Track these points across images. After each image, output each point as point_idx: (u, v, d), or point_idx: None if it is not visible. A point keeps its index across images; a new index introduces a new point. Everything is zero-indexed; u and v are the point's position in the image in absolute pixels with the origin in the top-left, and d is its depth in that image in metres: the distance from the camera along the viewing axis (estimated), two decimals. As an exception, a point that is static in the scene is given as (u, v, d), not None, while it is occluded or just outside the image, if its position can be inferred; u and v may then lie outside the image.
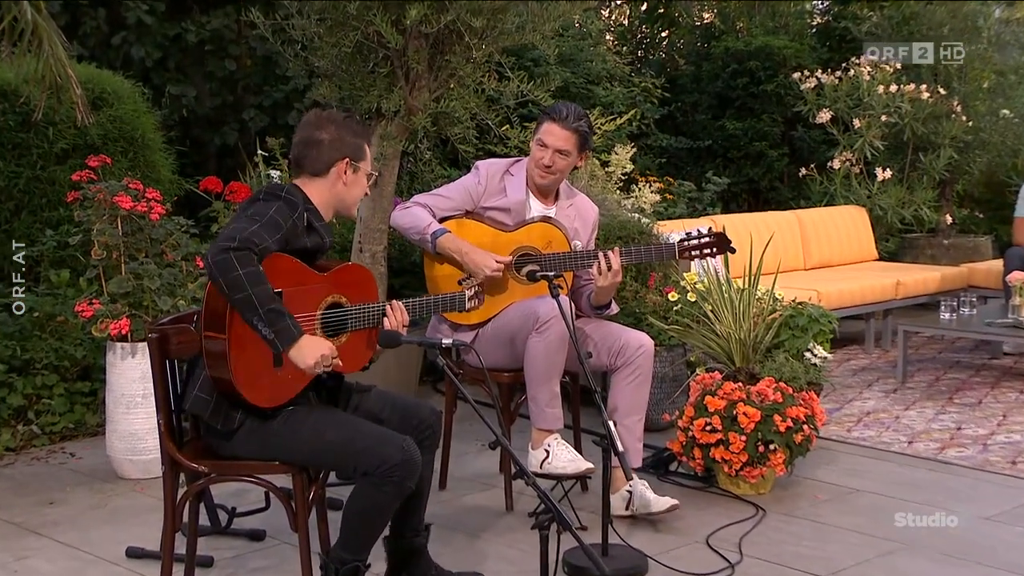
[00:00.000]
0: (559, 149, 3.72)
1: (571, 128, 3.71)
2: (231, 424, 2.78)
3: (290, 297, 2.74)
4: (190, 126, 6.96)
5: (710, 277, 4.47)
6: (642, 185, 6.42)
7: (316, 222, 2.86)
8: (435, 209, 3.78)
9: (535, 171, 3.77)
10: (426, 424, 2.97)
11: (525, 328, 3.59)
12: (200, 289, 4.30)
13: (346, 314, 2.87)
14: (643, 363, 3.72)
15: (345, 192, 2.92)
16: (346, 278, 2.90)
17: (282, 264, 2.73)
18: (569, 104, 3.79)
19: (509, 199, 3.80)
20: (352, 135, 2.92)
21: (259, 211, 2.72)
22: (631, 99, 8.25)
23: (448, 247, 3.69)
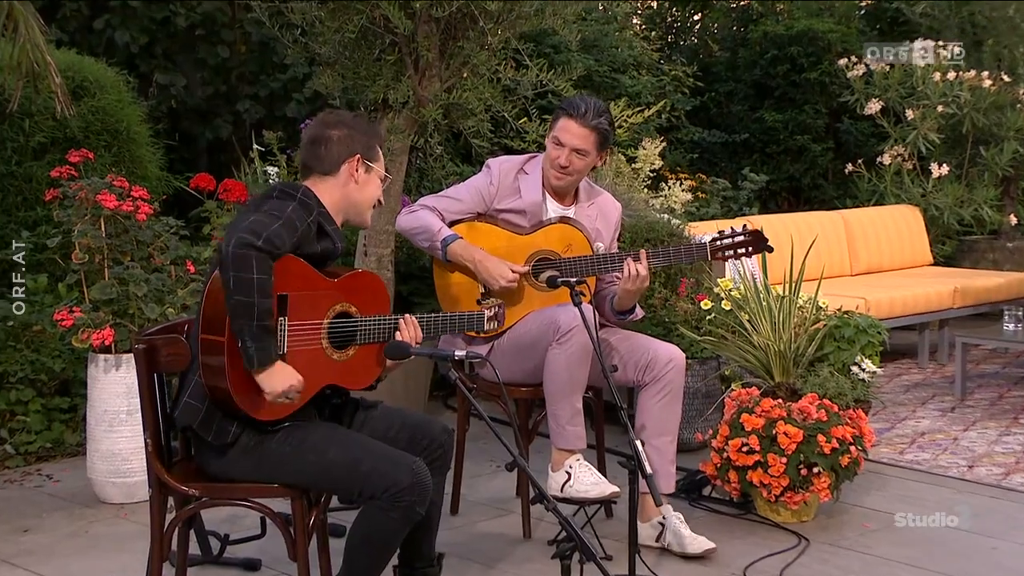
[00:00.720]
0: (576, 148, 3.72)
1: (590, 125, 3.70)
2: (224, 438, 2.80)
3: (297, 302, 2.77)
4: (179, 118, 7.01)
5: (746, 283, 4.47)
6: (672, 183, 6.44)
7: (328, 226, 2.89)
8: (444, 212, 3.80)
9: (550, 171, 3.79)
10: (437, 443, 2.99)
11: (544, 339, 3.60)
12: (191, 296, 4.33)
13: (355, 325, 2.90)
14: (673, 378, 3.72)
15: (356, 193, 2.95)
16: (357, 286, 2.93)
17: (291, 266, 2.76)
18: (587, 98, 3.79)
19: (524, 200, 3.82)
20: (363, 133, 2.97)
21: (277, 208, 2.75)
22: (660, 89, 8.27)
23: (460, 254, 3.71)
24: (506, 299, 3.72)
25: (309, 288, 2.81)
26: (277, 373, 2.72)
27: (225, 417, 2.78)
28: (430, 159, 5.38)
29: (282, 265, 2.72)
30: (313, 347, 2.82)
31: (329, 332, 2.86)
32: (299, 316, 2.77)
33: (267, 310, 2.65)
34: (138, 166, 5.55)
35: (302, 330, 2.78)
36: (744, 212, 7.68)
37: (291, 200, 2.80)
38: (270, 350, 2.68)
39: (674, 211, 6.02)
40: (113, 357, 4.18)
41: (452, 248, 3.70)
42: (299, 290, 2.78)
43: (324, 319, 2.84)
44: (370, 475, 2.74)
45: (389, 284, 4.87)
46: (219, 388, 2.72)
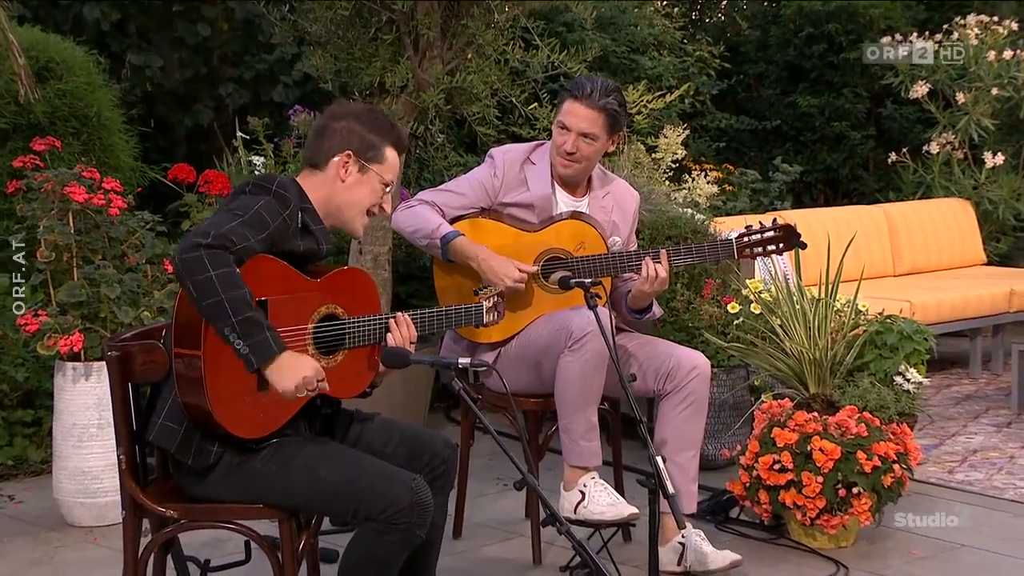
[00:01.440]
0: (583, 132, 3.73)
1: (597, 106, 3.71)
2: (206, 460, 2.80)
3: (277, 307, 2.77)
4: (155, 103, 7.03)
5: (778, 284, 4.48)
6: (696, 174, 6.44)
7: (312, 224, 2.90)
8: (444, 208, 3.81)
9: (556, 160, 3.80)
10: (439, 459, 3.00)
11: (556, 345, 3.61)
12: (168, 298, 4.34)
13: (343, 328, 2.91)
14: (697, 388, 3.73)
15: (342, 193, 2.94)
16: (342, 285, 2.93)
17: (267, 268, 2.76)
18: (595, 78, 3.80)
19: (532, 193, 3.83)
20: (367, 129, 2.96)
21: (243, 205, 2.75)
22: (683, 71, 8.27)
23: (462, 253, 3.72)
24: (514, 302, 3.73)
25: (290, 291, 2.81)
26: (287, 366, 2.70)
27: (205, 437, 2.78)
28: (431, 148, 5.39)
29: (258, 267, 2.71)
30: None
31: (315, 337, 2.86)
32: (281, 322, 2.76)
33: (242, 301, 2.63)
34: (110, 155, 5.56)
35: (286, 339, 2.77)
36: (776, 206, 7.68)
37: (264, 194, 2.79)
38: (267, 342, 2.66)
39: (698, 205, 6.02)
40: (82, 365, 4.20)
41: (453, 246, 3.71)
42: (279, 293, 2.77)
43: (308, 324, 2.85)
44: (365, 495, 2.75)
45: (386, 284, 4.89)
46: (197, 406, 2.72)
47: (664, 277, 3.67)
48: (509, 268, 3.70)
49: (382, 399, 4.42)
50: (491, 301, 3.25)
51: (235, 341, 2.64)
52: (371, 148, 2.95)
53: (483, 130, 4.77)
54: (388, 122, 3.03)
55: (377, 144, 2.96)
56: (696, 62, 8.54)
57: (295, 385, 2.70)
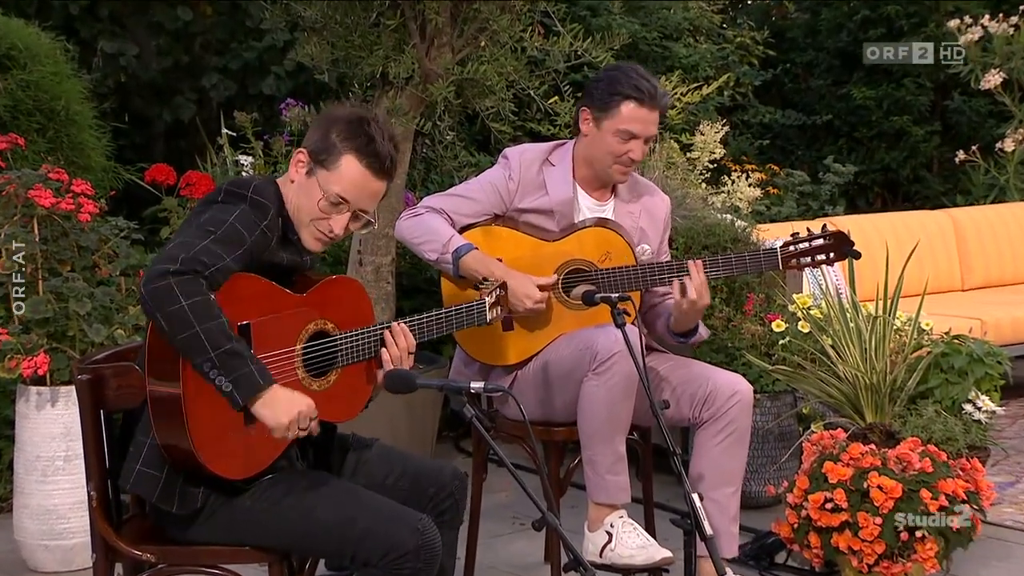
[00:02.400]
0: (650, 137, 3.79)
1: (661, 107, 3.78)
2: (191, 505, 2.81)
3: (261, 331, 2.76)
4: (130, 95, 7.08)
5: (829, 300, 4.47)
6: (736, 176, 6.45)
7: (294, 234, 2.91)
8: (453, 215, 3.82)
9: (613, 168, 3.81)
10: (446, 492, 3.01)
11: (579, 368, 3.61)
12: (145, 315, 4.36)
13: (334, 344, 2.92)
14: (738, 416, 3.73)
15: (293, 194, 2.91)
16: (331, 297, 2.94)
17: (247, 287, 2.75)
18: (637, 68, 3.81)
19: (551, 197, 3.84)
20: (335, 130, 2.89)
21: (215, 218, 2.73)
22: (722, 60, 8.30)
23: (475, 269, 3.71)
24: (531, 320, 3.73)
25: (273, 310, 2.80)
26: (276, 401, 2.69)
27: (189, 481, 2.79)
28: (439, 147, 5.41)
29: (236, 288, 2.71)
30: (288, 381, 2.82)
31: (304, 359, 2.87)
32: (266, 346, 2.76)
33: (220, 332, 2.61)
34: (79, 154, 5.58)
35: (272, 364, 2.78)
36: (826, 211, 7.68)
37: (238, 202, 2.77)
38: (251, 376, 2.65)
39: (739, 211, 6.03)
40: (48, 390, 4.21)
41: (466, 261, 3.70)
42: (262, 314, 2.77)
43: (297, 344, 2.85)
44: (366, 537, 2.75)
45: (389, 299, 4.91)
46: (178, 448, 2.71)
47: (693, 298, 3.65)
48: (528, 287, 3.69)
49: (384, 428, 4.43)
50: (492, 295, 3.26)
51: (216, 378, 2.62)
52: (326, 150, 2.88)
53: (497, 127, 4.78)
54: (364, 131, 2.90)
55: (335, 148, 2.87)
56: (737, 49, 8.56)
57: (288, 421, 2.70)
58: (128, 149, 6.63)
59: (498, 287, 3.33)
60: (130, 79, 7.04)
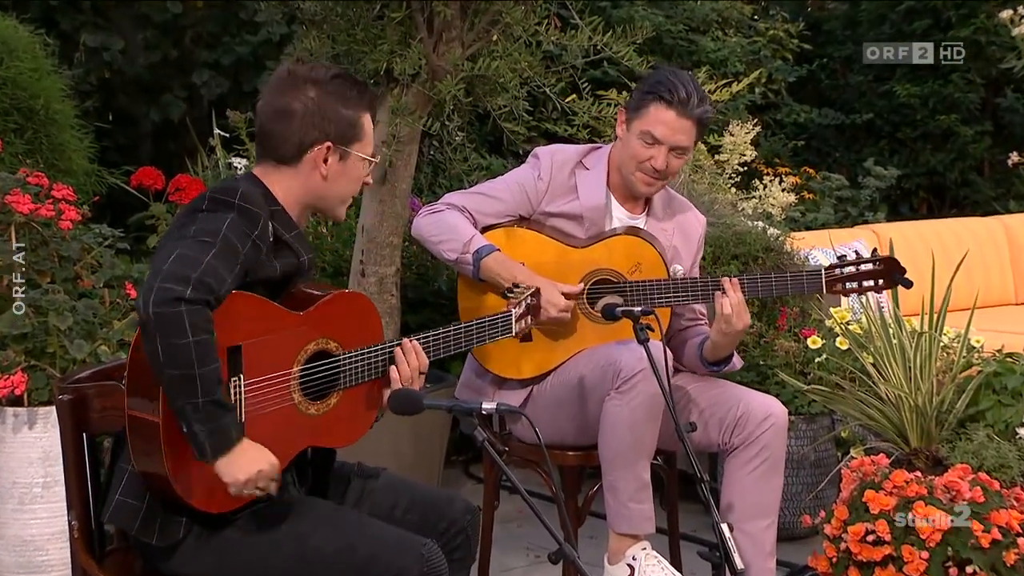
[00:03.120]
0: (676, 146, 3.75)
1: (694, 116, 3.73)
2: (173, 536, 2.80)
3: (253, 353, 2.75)
4: (115, 93, 7.10)
5: (870, 314, 4.47)
6: (769, 180, 6.45)
7: (286, 233, 2.88)
8: (476, 214, 3.83)
9: (636, 176, 3.81)
10: (457, 527, 3.01)
11: (601, 387, 3.62)
12: (131, 329, 4.36)
13: (337, 366, 2.92)
14: (771, 441, 3.73)
15: (324, 188, 2.93)
16: (335, 314, 2.93)
17: (240, 307, 2.73)
18: (684, 76, 3.79)
19: (582, 202, 3.85)
20: (342, 103, 2.91)
21: (208, 229, 2.70)
22: (753, 54, 8.30)
23: (496, 272, 3.72)
24: (550, 331, 3.74)
25: (268, 330, 2.78)
26: (240, 457, 2.67)
27: (170, 511, 2.78)
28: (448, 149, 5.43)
29: (229, 307, 2.68)
30: (282, 406, 2.82)
31: (302, 381, 2.86)
32: (259, 370, 2.75)
33: (214, 380, 2.60)
34: (60, 157, 5.59)
35: (265, 389, 2.77)
36: (867, 218, 7.68)
37: (226, 211, 2.75)
38: (228, 431, 2.64)
39: (771, 218, 6.03)
40: (25, 411, 4.21)
41: (487, 263, 3.72)
42: (255, 336, 2.75)
43: (294, 366, 2.84)
44: (367, 566, 2.75)
45: (394, 312, 4.91)
46: (156, 475, 2.71)
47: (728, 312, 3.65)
48: (553, 293, 3.68)
49: (388, 452, 4.44)
50: (521, 306, 3.25)
51: (194, 423, 2.60)
52: (350, 127, 2.91)
53: (510, 127, 4.78)
54: (358, 82, 2.96)
55: (354, 119, 2.91)
56: (769, 43, 8.57)
57: (245, 479, 2.67)
58: (112, 151, 6.65)
59: (530, 295, 3.32)
60: (115, 75, 7.07)
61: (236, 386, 2.72)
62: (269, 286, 2.82)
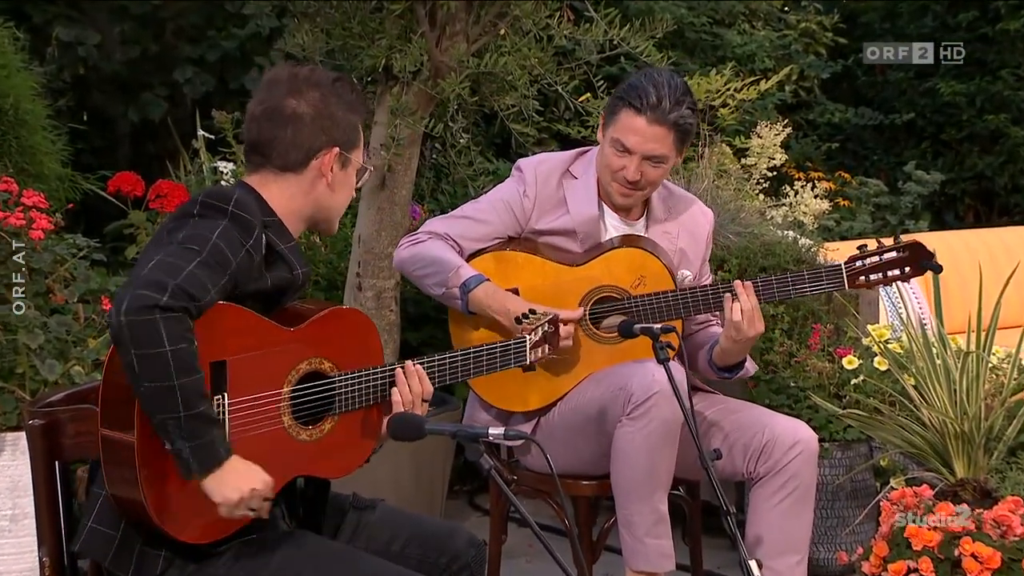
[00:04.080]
0: (649, 156, 3.73)
1: (667, 121, 3.70)
2: (151, 570, 2.78)
3: (240, 369, 2.75)
4: (90, 91, 7.11)
5: (911, 331, 4.47)
6: (801, 186, 6.45)
7: (281, 245, 2.90)
8: (461, 240, 3.84)
9: (612, 187, 3.82)
10: (460, 561, 3.01)
11: (612, 411, 3.63)
12: (108, 348, 4.36)
13: (331, 388, 2.92)
14: (802, 469, 3.73)
15: (328, 198, 2.96)
16: (330, 331, 2.93)
17: (229, 319, 2.74)
18: (658, 77, 3.75)
19: (573, 215, 3.86)
20: (346, 109, 2.95)
21: (197, 236, 2.71)
22: (784, 49, 8.31)
23: (487, 304, 3.72)
24: (557, 360, 3.73)
25: (258, 346, 2.79)
26: (231, 474, 2.67)
27: (148, 542, 2.77)
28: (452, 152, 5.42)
29: (217, 319, 2.69)
30: (270, 429, 2.82)
31: (293, 404, 2.87)
32: (245, 389, 2.76)
33: (197, 391, 2.60)
34: (31, 160, 5.59)
35: (251, 409, 2.78)
36: (908, 227, 7.67)
37: (219, 218, 2.76)
38: (214, 446, 2.64)
39: (803, 227, 6.03)
40: (-7, 436, 4.24)
41: (476, 296, 3.72)
42: (243, 351, 2.76)
43: (284, 387, 2.85)
44: (364, 606, 2.76)
45: (392, 329, 4.92)
46: (131, 501, 2.70)
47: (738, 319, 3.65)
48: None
49: (386, 481, 4.44)
50: (538, 332, 3.26)
51: (176, 440, 2.60)
52: (353, 132, 2.97)
53: (519, 128, 4.79)
54: (355, 86, 3.02)
55: (357, 125, 2.98)
56: (801, 37, 8.58)
57: (239, 498, 2.67)
58: (87, 154, 6.66)
59: (547, 322, 3.33)
60: (90, 72, 7.08)
61: (220, 404, 2.72)
62: (259, 300, 2.82)
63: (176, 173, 5.93)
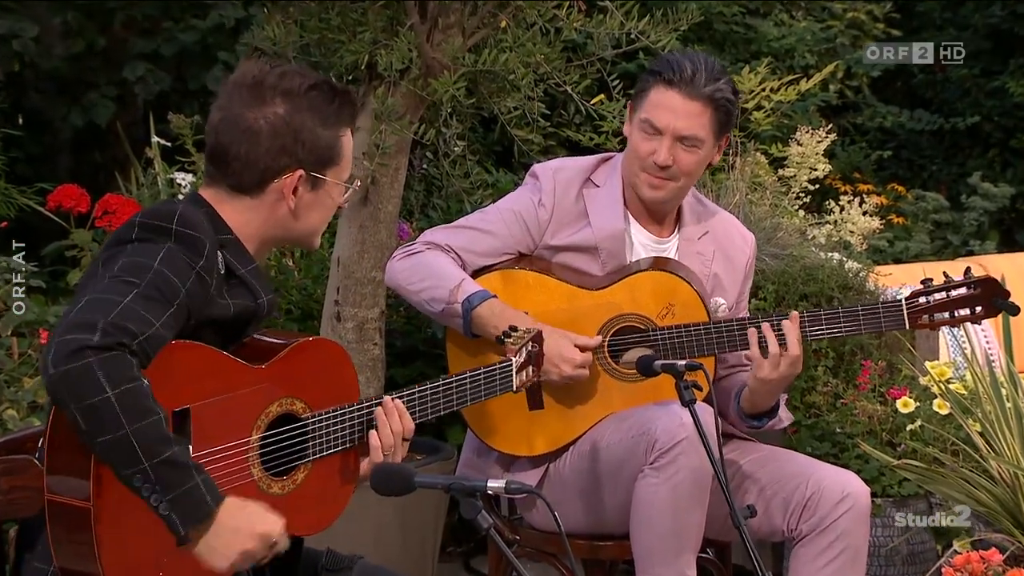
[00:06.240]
0: (683, 135, 3.75)
1: (702, 95, 3.73)
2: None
3: (204, 418, 2.75)
4: (26, 91, 7.13)
5: (976, 370, 4.48)
6: (847, 200, 6.47)
7: (241, 267, 2.90)
8: (464, 254, 3.85)
9: (640, 178, 3.82)
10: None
11: (632, 460, 3.63)
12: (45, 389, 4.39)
13: (305, 432, 2.93)
14: (850, 527, 3.73)
15: (291, 223, 2.95)
16: (301, 367, 2.94)
17: (188, 360, 2.74)
18: (693, 53, 3.83)
19: (595, 229, 3.87)
20: (319, 123, 2.91)
21: (134, 264, 2.71)
22: (827, 43, 8.33)
23: (492, 324, 3.70)
24: (568, 395, 3.76)
25: (221, 389, 2.79)
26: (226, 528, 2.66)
27: None
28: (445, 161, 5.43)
29: (170, 362, 2.68)
30: (238, 484, 2.82)
31: (263, 453, 2.88)
32: (210, 439, 2.76)
33: (158, 436, 2.58)
34: (-41, 172, 5.64)
35: (218, 462, 2.78)
36: (971, 248, 7.68)
37: (161, 241, 2.75)
38: (196, 495, 2.62)
39: (850, 248, 6.04)
40: (-85, 489, 4.25)
41: (480, 314, 3.72)
42: (205, 396, 2.76)
43: (252, 433, 2.86)
44: None
45: (377, 365, 4.93)
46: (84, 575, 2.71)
47: (796, 355, 3.67)
48: (565, 347, 3.70)
49: (370, 539, 4.45)
50: (522, 354, 3.27)
51: (150, 495, 2.59)
52: (328, 150, 2.93)
53: (522, 134, 4.81)
54: (338, 92, 2.96)
55: (333, 141, 2.93)
56: (847, 29, 8.60)
57: (241, 553, 2.68)
58: (23, 163, 6.67)
59: (530, 340, 3.35)
60: (27, 69, 7.10)
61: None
62: (219, 331, 2.83)
63: (126, 186, 5.94)
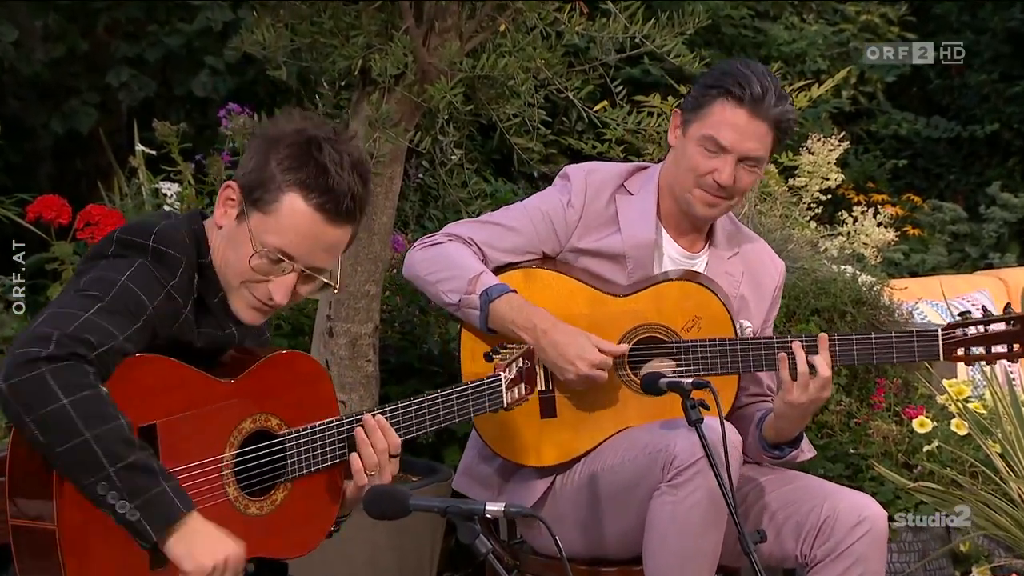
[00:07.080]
0: (746, 156, 3.76)
1: (770, 117, 3.74)
2: None
3: (173, 434, 2.76)
4: (6, 97, 7.12)
5: (995, 389, 4.48)
6: (860, 211, 6.47)
7: (213, 296, 2.92)
8: (487, 249, 3.85)
9: (694, 194, 3.82)
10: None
11: (648, 478, 3.62)
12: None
13: (280, 448, 2.94)
14: (866, 552, 3.72)
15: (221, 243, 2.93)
16: (275, 380, 2.96)
17: (153, 374, 2.76)
18: (754, 64, 3.82)
19: (625, 237, 3.88)
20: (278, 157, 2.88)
21: (101, 279, 2.74)
22: (840, 46, 8.34)
23: (511, 319, 3.71)
24: (582, 403, 3.76)
25: (191, 403, 2.81)
26: (197, 535, 2.68)
27: None
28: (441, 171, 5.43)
29: (135, 374, 2.71)
30: (213, 503, 2.83)
31: (238, 471, 2.89)
32: (180, 456, 2.77)
33: (119, 437, 2.60)
34: (-66, 182, 5.64)
35: (190, 480, 2.78)
36: (990, 261, 7.68)
37: (136, 256, 2.80)
38: (166, 499, 2.64)
39: (863, 260, 6.05)
40: None
41: (498, 308, 3.72)
42: (173, 411, 2.78)
43: (226, 451, 2.87)
44: None
45: (371, 382, 4.93)
46: None
47: (825, 377, 3.65)
48: (585, 347, 3.69)
49: (362, 565, 4.45)
50: (512, 369, 3.28)
51: (116, 502, 2.61)
52: (263, 185, 2.88)
53: (522, 142, 4.80)
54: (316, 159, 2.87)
55: (274, 182, 2.87)
56: (861, 32, 8.61)
57: (212, 565, 2.69)
58: (2, 173, 6.68)
59: (521, 356, 3.36)
60: (5, 74, 7.10)
61: None
62: (192, 358, 2.84)
63: (109, 196, 5.94)
